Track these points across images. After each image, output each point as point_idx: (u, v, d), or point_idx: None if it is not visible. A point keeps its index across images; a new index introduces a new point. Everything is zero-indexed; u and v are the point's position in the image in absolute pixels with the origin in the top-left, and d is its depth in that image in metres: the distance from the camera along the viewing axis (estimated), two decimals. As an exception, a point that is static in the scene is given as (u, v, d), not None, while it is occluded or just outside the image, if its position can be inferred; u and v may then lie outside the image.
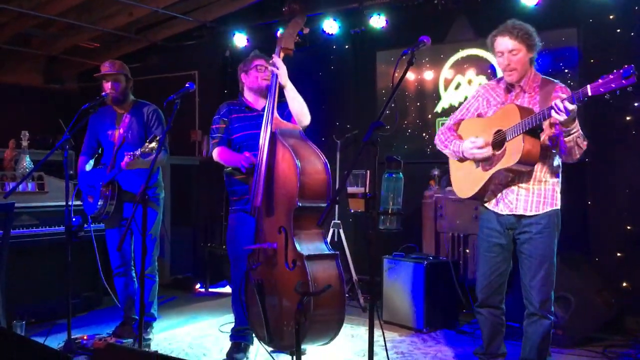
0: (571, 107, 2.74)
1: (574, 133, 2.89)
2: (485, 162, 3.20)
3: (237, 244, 3.79)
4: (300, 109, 3.61)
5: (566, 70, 5.01)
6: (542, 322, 3.18)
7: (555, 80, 3.20)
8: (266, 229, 3.47)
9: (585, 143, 2.99)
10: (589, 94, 2.69)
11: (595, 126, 4.88)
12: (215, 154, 3.83)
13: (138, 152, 3.74)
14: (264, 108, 3.80)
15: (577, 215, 4.86)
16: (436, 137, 3.52)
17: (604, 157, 4.85)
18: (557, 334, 4.16)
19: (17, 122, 6.27)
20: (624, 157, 4.79)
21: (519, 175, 3.15)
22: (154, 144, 3.59)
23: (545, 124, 3.01)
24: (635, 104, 4.73)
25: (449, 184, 3.63)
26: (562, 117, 2.78)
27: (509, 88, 3.25)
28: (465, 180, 3.34)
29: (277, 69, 3.56)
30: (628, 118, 4.76)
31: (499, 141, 3.11)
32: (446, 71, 5.80)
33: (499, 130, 3.11)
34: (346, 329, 4.65)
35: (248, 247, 3.55)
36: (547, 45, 5.13)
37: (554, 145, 3.08)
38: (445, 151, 3.43)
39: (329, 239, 4.95)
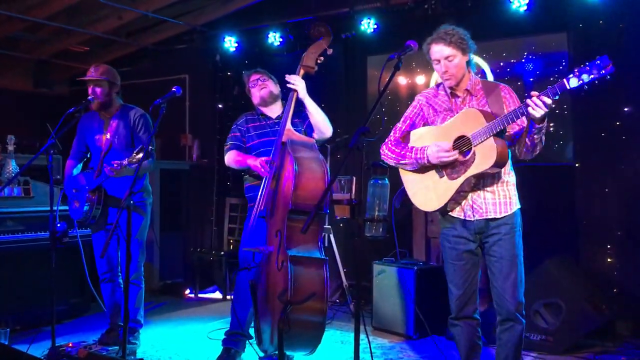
0: (549, 101, 2.72)
1: (544, 129, 2.86)
2: (451, 171, 3.07)
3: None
4: (321, 121, 3.77)
5: (556, 75, 5.01)
6: (516, 328, 3.08)
7: (496, 82, 3.21)
8: (268, 233, 3.52)
9: (544, 137, 2.94)
10: (568, 87, 2.67)
11: (586, 131, 4.88)
12: (228, 158, 3.97)
13: (125, 162, 3.68)
14: (278, 116, 3.98)
15: (568, 221, 4.84)
16: (382, 153, 3.31)
17: (594, 163, 4.84)
18: (548, 341, 4.15)
19: (5, 126, 6.22)
20: (615, 162, 4.77)
21: (483, 179, 3.06)
22: (141, 155, 3.51)
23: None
24: (625, 109, 4.72)
25: (404, 201, 3.44)
26: (539, 113, 2.74)
27: (453, 93, 3.18)
28: (429, 193, 3.16)
29: (296, 84, 3.68)
30: (618, 123, 4.75)
31: (462, 147, 3.01)
32: (437, 75, 5.77)
33: (461, 137, 3.01)
34: (335, 335, 4.62)
35: (247, 249, 3.62)
36: (537, 50, 5.13)
37: (512, 144, 3.04)
38: (402, 162, 3.22)
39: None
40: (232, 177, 6.67)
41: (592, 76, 2.61)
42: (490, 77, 5.41)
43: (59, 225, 3.87)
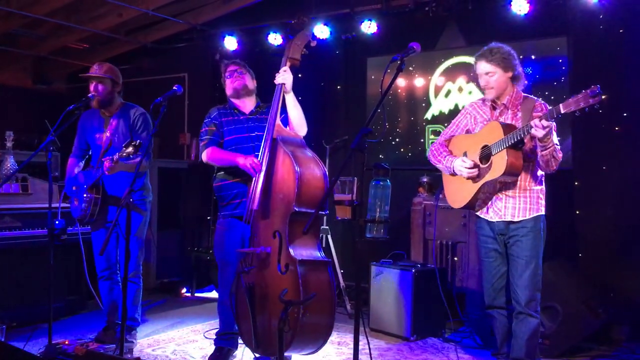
0: (547, 123, 3.02)
1: (549, 147, 3.16)
2: (475, 175, 3.45)
3: (225, 248, 3.78)
4: (299, 118, 3.69)
5: (555, 80, 5.02)
6: (528, 321, 3.37)
7: (535, 98, 3.46)
8: (261, 233, 3.46)
9: (560, 154, 3.25)
10: (562, 111, 2.95)
11: (585, 136, 4.89)
12: (206, 154, 3.81)
13: (116, 157, 3.75)
14: (252, 111, 3.88)
15: (565, 225, 4.85)
16: (429, 151, 3.76)
17: (592, 167, 4.85)
18: (545, 344, 4.14)
19: (3, 122, 6.21)
20: (613, 167, 4.79)
21: (505, 185, 3.41)
22: (130, 149, 3.60)
23: (527, 138, 3.25)
24: (625, 114, 4.74)
25: (443, 194, 3.86)
26: (540, 134, 3.05)
27: (494, 106, 3.49)
28: (457, 192, 3.60)
29: (285, 79, 3.59)
30: (617, 128, 4.76)
31: (485, 155, 3.38)
32: (436, 78, 5.79)
33: (485, 145, 3.38)
34: (332, 336, 4.60)
35: (241, 250, 3.54)
36: (537, 53, 5.14)
37: (535, 157, 3.32)
38: (438, 165, 3.68)
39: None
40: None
41: (581, 104, 2.87)
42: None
43: (57, 222, 3.86)
